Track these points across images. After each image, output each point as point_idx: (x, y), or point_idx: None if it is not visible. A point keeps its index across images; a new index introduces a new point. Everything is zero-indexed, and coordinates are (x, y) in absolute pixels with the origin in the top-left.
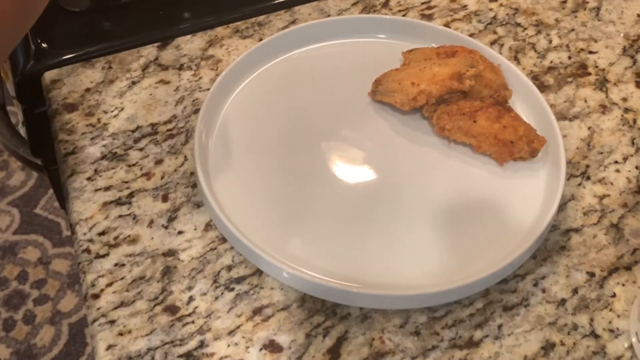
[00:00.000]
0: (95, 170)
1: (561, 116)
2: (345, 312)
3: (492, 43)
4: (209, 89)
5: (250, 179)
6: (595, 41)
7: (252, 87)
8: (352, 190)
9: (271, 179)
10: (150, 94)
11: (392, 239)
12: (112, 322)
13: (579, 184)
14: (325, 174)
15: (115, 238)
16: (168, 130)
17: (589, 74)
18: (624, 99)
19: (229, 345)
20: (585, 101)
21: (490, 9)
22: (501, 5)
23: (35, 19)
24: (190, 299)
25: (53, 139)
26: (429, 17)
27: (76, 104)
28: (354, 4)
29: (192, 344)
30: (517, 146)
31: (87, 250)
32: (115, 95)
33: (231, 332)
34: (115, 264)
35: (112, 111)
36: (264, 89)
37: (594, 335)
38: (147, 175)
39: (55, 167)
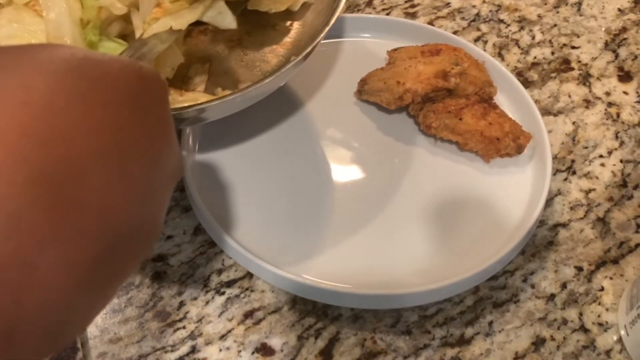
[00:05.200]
0: None
1: (546, 111)
2: (337, 313)
3: (476, 40)
4: None
5: (238, 182)
6: (578, 36)
7: None
8: (339, 190)
9: (259, 180)
10: None
11: (381, 239)
12: (103, 329)
13: (565, 179)
14: (313, 174)
15: None
16: None
17: (572, 69)
18: (607, 93)
19: (220, 350)
20: (569, 96)
21: (474, 6)
22: (484, 2)
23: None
24: (181, 304)
25: None
26: (413, 16)
27: None
28: None
29: (184, 349)
30: (503, 143)
31: None
32: None
33: (223, 337)
34: None
35: None
36: None
37: (584, 329)
38: None
39: None
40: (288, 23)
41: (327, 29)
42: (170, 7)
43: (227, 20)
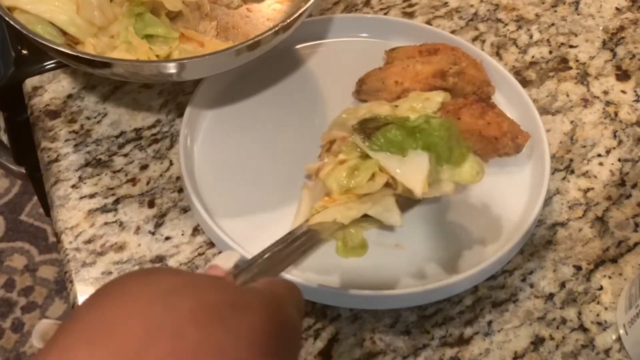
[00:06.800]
0: (80, 178)
1: (544, 111)
2: (336, 314)
3: (474, 39)
4: (192, 92)
5: (236, 182)
6: (576, 35)
7: (236, 89)
8: None
9: (258, 181)
10: (134, 99)
11: (380, 238)
12: None
13: (564, 178)
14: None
15: (102, 246)
16: (152, 135)
17: (570, 68)
18: (605, 92)
19: None
20: (567, 95)
21: (471, 5)
22: (482, 1)
23: None
24: None
25: (36, 146)
26: (411, 15)
27: (58, 110)
28: (335, 4)
29: None
30: (501, 142)
31: (74, 259)
32: (98, 101)
33: None
34: (103, 272)
35: (95, 117)
36: (248, 90)
37: (583, 328)
38: (133, 181)
39: (40, 174)
40: None
41: None
42: (339, 199)
43: (394, 218)
